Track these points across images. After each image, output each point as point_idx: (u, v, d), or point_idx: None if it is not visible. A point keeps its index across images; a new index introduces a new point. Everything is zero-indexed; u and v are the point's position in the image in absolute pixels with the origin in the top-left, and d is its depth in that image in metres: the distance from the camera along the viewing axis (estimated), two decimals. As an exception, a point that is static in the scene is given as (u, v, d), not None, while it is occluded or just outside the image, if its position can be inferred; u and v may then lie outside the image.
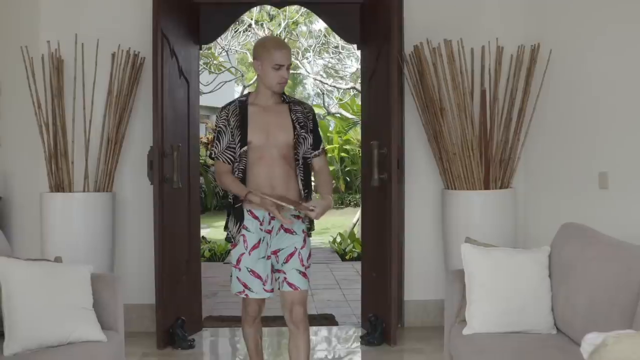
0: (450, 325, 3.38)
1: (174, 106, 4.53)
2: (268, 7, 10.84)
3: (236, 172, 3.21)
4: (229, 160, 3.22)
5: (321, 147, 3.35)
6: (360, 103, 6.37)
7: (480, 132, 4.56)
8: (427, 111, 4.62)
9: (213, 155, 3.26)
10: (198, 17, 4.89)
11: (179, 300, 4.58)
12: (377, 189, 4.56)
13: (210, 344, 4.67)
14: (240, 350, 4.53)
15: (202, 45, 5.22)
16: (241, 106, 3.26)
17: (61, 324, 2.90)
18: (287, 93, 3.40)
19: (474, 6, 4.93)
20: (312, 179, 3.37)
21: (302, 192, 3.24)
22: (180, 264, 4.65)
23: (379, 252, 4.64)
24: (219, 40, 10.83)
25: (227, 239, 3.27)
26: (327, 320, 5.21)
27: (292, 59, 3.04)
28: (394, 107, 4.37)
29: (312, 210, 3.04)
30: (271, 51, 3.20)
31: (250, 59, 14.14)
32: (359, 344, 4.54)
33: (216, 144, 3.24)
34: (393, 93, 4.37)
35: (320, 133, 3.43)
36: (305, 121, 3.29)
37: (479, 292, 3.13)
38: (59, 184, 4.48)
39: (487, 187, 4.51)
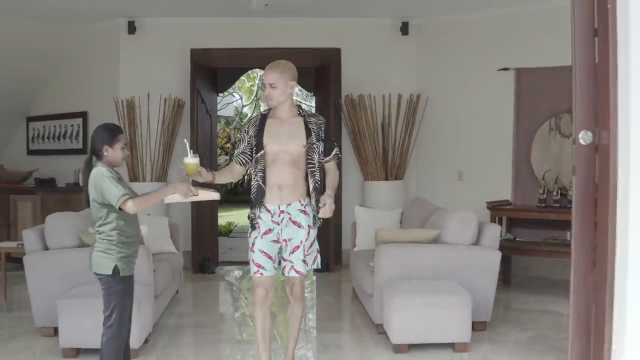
0: (350, 249, 6.48)
1: (202, 131, 7.64)
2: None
3: (257, 173, 3.78)
4: (241, 162, 3.82)
5: (332, 153, 3.83)
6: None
7: (382, 146, 7.66)
8: (354, 135, 7.71)
9: (232, 157, 3.93)
10: (216, 76, 8.00)
11: (205, 245, 7.68)
12: (323, 180, 7.67)
13: (225, 272, 7.76)
14: (242, 278, 7.61)
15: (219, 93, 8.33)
16: (261, 118, 3.82)
17: (158, 242, 5.97)
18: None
19: (386, 68, 7.97)
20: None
21: (310, 193, 3.80)
22: (206, 224, 7.76)
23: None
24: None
25: (251, 224, 3.86)
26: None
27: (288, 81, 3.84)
28: (331, 131, 7.47)
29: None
30: (264, 72, 3.82)
31: (248, 84, 17.21)
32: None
33: (237, 148, 3.91)
34: (331, 123, 7.47)
35: (334, 142, 3.92)
36: (318, 131, 3.77)
37: (361, 230, 6.23)
38: (135, 176, 7.56)
39: (387, 179, 7.61)
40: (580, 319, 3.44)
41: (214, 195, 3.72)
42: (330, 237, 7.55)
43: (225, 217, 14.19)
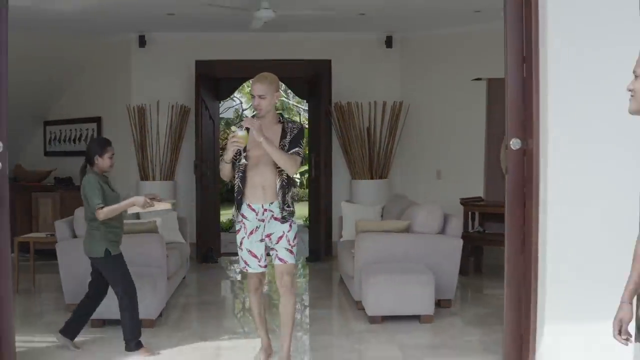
0: (337, 241, 7.31)
1: (206, 135, 8.46)
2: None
3: (238, 174, 4.10)
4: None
5: (293, 150, 4.05)
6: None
7: (368, 148, 8.50)
8: (343, 137, 8.55)
9: (221, 158, 4.23)
10: (218, 85, 8.84)
11: (209, 238, 8.52)
12: (315, 179, 8.51)
13: (225, 262, 8.59)
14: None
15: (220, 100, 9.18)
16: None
17: (169, 233, 6.78)
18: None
19: (372, 78, 8.78)
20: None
21: (284, 190, 4.06)
22: (209, 218, 8.59)
23: (316, 213, 8.58)
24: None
25: (234, 222, 4.25)
26: (291, 254, 9.14)
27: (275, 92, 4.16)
28: (322, 135, 8.34)
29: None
30: (252, 84, 4.13)
31: (248, 89, 18.11)
32: (305, 261, 8.45)
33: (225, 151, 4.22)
34: (322, 128, 8.33)
35: (300, 144, 4.13)
36: (290, 133, 4.09)
37: (347, 223, 7.07)
38: (146, 176, 8.39)
39: (371, 178, 8.45)
40: (512, 292, 4.28)
41: (167, 206, 4.69)
42: (321, 230, 8.39)
43: (226, 214, 15.02)
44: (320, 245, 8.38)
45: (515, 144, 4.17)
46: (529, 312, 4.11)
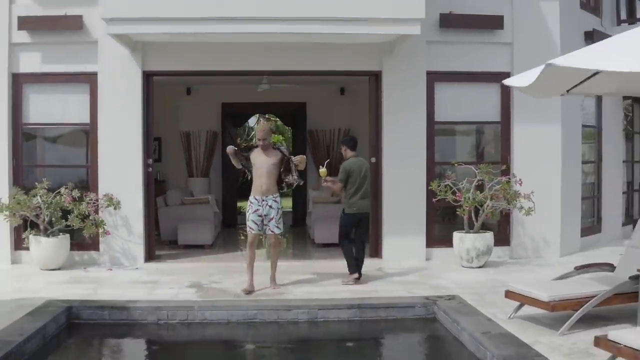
0: (307, 212, 12.61)
1: (229, 149, 13.76)
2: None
3: (249, 177, 7.53)
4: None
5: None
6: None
7: (329, 158, 13.79)
8: (314, 152, 13.81)
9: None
10: (236, 117, 14.16)
11: (230, 213, 13.81)
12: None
13: (240, 228, 13.84)
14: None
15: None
16: (252, 149, 7.65)
17: (212, 206, 12.06)
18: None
19: (331, 114, 14.03)
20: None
21: (278, 188, 7.44)
22: (230, 201, 13.89)
23: (296, 198, 13.87)
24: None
25: (249, 205, 7.45)
26: (281, 224, 14.39)
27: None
28: (300, 150, 13.64)
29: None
30: (258, 132, 7.73)
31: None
32: (290, 227, 13.70)
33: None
34: (301, 146, 13.63)
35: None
36: (287, 151, 7.62)
37: (311, 201, 12.35)
38: (191, 174, 13.67)
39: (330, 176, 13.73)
40: (374, 223, 9.53)
41: None
42: (299, 207, 13.68)
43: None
44: (298, 218, 13.66)
45: (372, 159, 9.46)
46: (380, 231, 9.38)
